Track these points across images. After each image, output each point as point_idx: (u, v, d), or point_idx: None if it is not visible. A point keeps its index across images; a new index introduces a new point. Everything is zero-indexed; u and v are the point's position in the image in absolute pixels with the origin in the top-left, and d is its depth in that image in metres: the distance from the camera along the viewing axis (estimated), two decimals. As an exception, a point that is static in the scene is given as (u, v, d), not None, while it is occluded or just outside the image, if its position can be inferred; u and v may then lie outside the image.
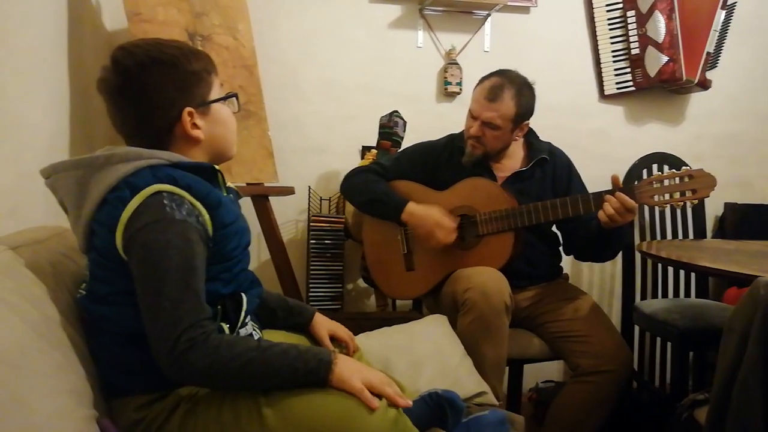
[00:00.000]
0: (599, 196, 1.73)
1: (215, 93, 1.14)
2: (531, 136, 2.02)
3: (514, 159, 1.99)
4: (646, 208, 2.52)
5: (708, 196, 1.67)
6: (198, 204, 1.02)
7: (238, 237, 1.10)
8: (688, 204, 1.70)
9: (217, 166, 1.13)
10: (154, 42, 1.09)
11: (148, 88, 1.05)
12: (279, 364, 0.98)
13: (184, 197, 1.00)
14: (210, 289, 1.04)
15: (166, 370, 0.94)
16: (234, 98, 1.18)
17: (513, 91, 1.84)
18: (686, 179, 1.67)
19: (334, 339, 1.39)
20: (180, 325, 0.93)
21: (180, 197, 1.00)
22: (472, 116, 1.90)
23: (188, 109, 1.08)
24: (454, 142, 2.02)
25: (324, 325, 1.39)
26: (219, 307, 1.07)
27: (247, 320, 1.13)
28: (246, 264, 1.17)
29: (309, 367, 0.99)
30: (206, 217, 1.03)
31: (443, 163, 2.00)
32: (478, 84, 1.91)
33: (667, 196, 1.69)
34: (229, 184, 1.21)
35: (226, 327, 1.06)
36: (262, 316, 1.33)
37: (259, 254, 2.48)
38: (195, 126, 1.09)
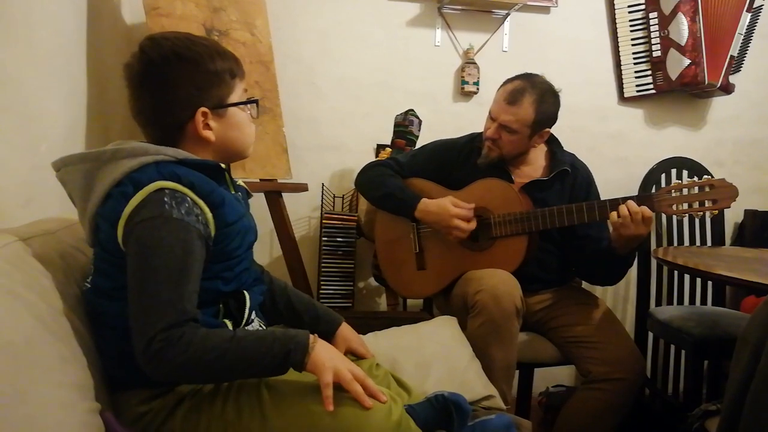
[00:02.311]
0: (616, 203, 1.69)
1: (236, 96, 1.12)
2: (555, 146, 1.99)
3: (535, 166, 1.96)
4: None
5: (729, 207, 1.62)
6: (200, 202, 1.02)
7: (240, 236, 1.10)
8: (707, 214, 1.66)
9: (224, 165, 1.12)
10: (183, 37, 1.08)
11: (167, 82, 1.05)
12: (255, 351, 0.98)
13: (187, 195, 1.00)
14: (210, 287, 1.04)
15: (143, 367, 0.93)
16: (254, 104, 1.17)
17: (534, 96, 1.82)
18: (707, 189, 1.63)
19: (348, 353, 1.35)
20: (158, 325, 0.92)
21: (182, 195, 1.00)
22: (491, 117, 1.88)
23: (203, 109, 1.07)
24: (473, 141, 2.00)
25: (346, 340, 1.35)
26: (221, 305, 1.07)
27: (252, 317, 1.13)
28: (249, 263, 1.16)
29: (286, 349, 0.99)
30: (209, 215, 1.02)
31: (461, 162, 1.98)
32: (502, 85, 1.89)
33: (686, 206, 1.65)
34: (239, 182, 1.21)
35: (230, 324, 1.06)
36: (289, 316, 1.33)
37: (271, 251, 2.49)
38: (207, 127, 1.09)
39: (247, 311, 1.10)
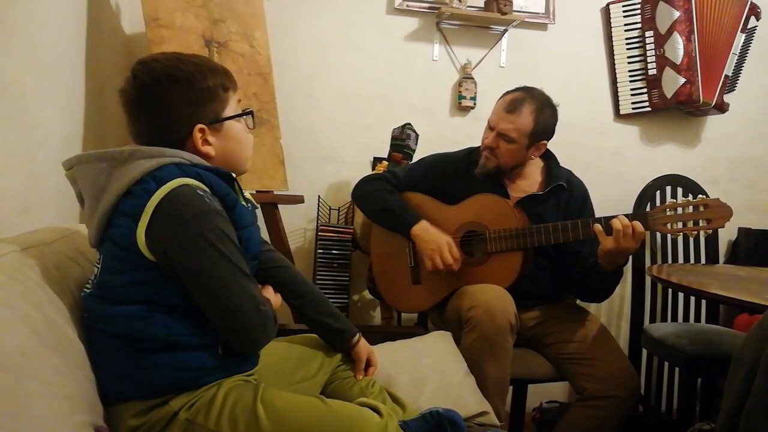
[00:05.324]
0: (610, 221, 1.69)
1: (231, 109, 1.14)
2: (551, 161, 2.00)
3: (531, 181, 1.97)
4: (659, 230, 2.49)
5: (723, 227, 1.62)
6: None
7: (246, 243, 1.11)
8: (701, 233, 1.67)
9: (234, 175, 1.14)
10: (173, 57, 1.10)
11: (162, 104, 1.07)
12: None
13: (210, 194, 1.03)
14: None
15: (260, 337, 1.07)
16: (249, 116, 1.18)
17: (533, 107, 1.83)
18: (701, 208, 1.63)
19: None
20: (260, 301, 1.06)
21: (208, 193, 1.03)
22: (490, 127, 1.90)
23: (199, 126, 1.09)
24: (471, 155, 2.00)
25: (368, 348, 1.43)
26: None
27: None
28: (252, 272, 1.17)
29: None
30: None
31: (458, 175, 1.99)
32: (501, 97, 1.91)
33: (680, 225, 1.66)
34: (246, 194, 1.22)
35: None
36: (310, 323, 1.37)
37: (266, 262, 2.48)
38: (206, 142, 1.11)
39: None
